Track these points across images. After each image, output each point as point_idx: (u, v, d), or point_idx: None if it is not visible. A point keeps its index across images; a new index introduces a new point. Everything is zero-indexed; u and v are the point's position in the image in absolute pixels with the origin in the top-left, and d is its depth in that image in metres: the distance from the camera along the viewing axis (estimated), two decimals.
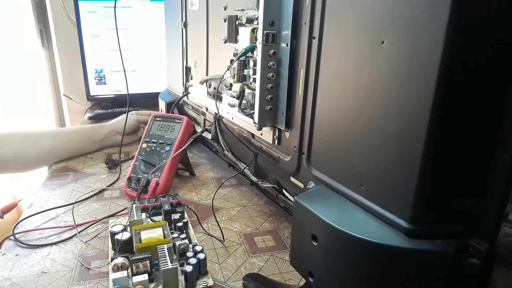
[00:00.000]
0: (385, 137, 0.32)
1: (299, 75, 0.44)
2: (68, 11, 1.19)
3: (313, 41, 0.41)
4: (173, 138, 0.71)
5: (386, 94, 0.32)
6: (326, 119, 0.40)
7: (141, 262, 0.43)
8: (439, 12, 0.26)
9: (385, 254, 0.31)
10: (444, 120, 0.28)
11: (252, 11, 0.51)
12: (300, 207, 0.38)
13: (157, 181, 0.64)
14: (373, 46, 0.32)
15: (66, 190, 0.70)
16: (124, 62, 0.77)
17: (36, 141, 0.78)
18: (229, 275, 0.48)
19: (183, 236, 0.52)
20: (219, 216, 0.62)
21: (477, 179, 0.29)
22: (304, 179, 0.45)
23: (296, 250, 0.40)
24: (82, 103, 1.28)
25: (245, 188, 0.72)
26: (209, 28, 0.69)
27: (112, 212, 0.61)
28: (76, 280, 0.47)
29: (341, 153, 0.38)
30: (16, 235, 0.55)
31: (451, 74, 0.27)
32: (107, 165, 0.79)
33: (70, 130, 0.90)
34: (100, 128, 0.89)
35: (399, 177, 0.31)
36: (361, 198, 0.35)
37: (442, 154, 0.29)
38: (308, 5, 0.41)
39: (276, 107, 0.49)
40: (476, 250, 0.29)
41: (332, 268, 0.35)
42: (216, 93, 0.63)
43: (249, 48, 0.50)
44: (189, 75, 0.83)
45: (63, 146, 0.82)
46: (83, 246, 0.53)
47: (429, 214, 0.30)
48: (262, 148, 0.55)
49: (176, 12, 0.85)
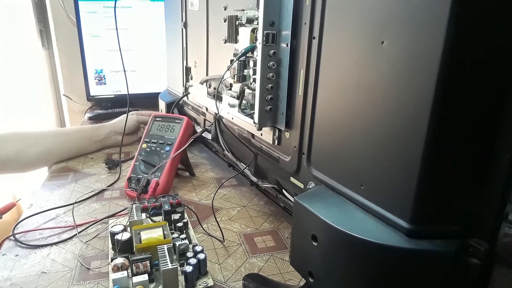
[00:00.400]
0: (385, 137, 0.32)
1: (299, 75, 0.44)
2: (68, 11, 1.19)
3: (313, 41, 0.41)
4: (173, 138, 0.71)
5: (386, 94, 0.32)
6: (326, 119, 0.40)
7: (141, 262, 0.43)
8: (439, 12, 0.26)
9: (385, 254, 0.31)
10: (444, 120, 0.28)
11: (252, 11, 0.51)
12: (300, 207, 0.38)
13: (157, 181, 0.64)
14: (373, 46, 0.32)
15: (66, 190, 0.70)
16: (124, 62, 0.77)
17: (37, 141, 0.78)
18: (229, 275, 0.48)
19: (183, 236, 0.52)
20: (219, 216, 0.62)
21: (477, 179, 0.29)
22: (304, 179, 0.45)
23: (296, 250, 0.40)
24: (82, 103, 1.28)
25: (245, 188, 0.72)
26: (209, 28, 0.69)
27: (112, 212, 0.61)
28: (76, 280, 0.47)
29: (341, 153, 0.38)
30: (16, 235, 0.55)
31: (451, 74, 0.27)
32: (107, 166, 0.79)
33: (70, 130, 0.90)
34: (100, 128, 0.89)
35: (399, 177, 0.31)
36: (361, 198, 0.35)
37: (442, 154, 0.29)
38: (308, 5, 0.41)
39: (276, 107, 0.49)
40: (476, 250, 0.29)
41: (332, 268, 0.35)
42: (216, 93, 0.63)
43: (249, 48, 0.50)
44: (189, 75, 0.83)
45: (63, 146, 0.82)
46: (83, 246, 0.53)
47: (429, 214, 0.30)
48: (262, 148, 0.55)
49: (176, 12, 0.85)
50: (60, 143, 0.82)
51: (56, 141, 0.81)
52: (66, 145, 0.83)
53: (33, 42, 1.26)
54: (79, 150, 0.85)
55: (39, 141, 0.79)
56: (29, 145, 0.77)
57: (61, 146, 0.82)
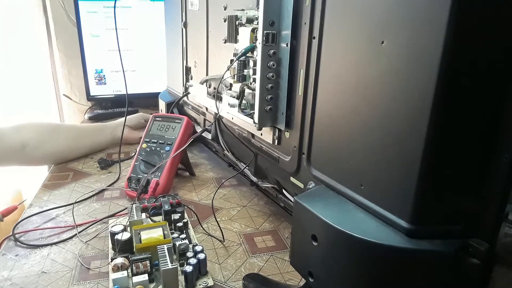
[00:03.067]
0: (385, 137, 0.32)
1: (299, 75, 0.44)
2: (68, 11, 1.19)
3: (313, 41, 0.41)
4: (173, 138, 0.71)
5: (386, 94, 0.32)
6: (326, 119, 0.40)
7: (141, 262, 0.43)
8: (439, 12, 0.26)
9: (385, 254, 0.31)
10: (444, 120, 0.28)
11: (252, 11, 0.51)
12: (300, 207, 0.38)
13: (157, 181, 0.64)
14: (373, 46, 0.32)
15: (66, 190, 0.70)
16: (124, 62, 0.77)
17: (60, 133, 0.80)
18: (229, 275, 0.48)
19: (183, 236, 0.52)
20: (219, 216, 0.62)
21: (477, 179, 0.29)
22: (304, 179, 0.45)
23: (296, 250, 0.40)
24: (82, 103, 1.28)
25: (245, 188, 0.72)
26: (209, 28, 0.69)
27: (112, 212, 0.61)
28: (76, 280, 0.47)
29: (341, 153, 0.38)
30: (16, 235, 0.55)
31: (451, 74, 0.27)
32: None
33: (82, 126, 0.91)
34: (108, 124, 0.92)
35: (399, 177, 0.31)
36: (361, 198, 0.35)
37: (442, 154, 0.29)
38: (308, 5, 0.41)
39: (276, 107, 0.49)
40: (476, 250, 0.29)
41: (332, 268, 0.35)
42: (216, 93, 0.63)
43: (249, 48, 0.50)
44: (189, 75, 0.83)
45: (83, 141, 0.84)
46: (83, 246, 0.53)
47: (429, 214, 0.30)
48: (262, 148, 0.55)
49: (176, 12, 0.85)
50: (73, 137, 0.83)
51: (70, 136, 0.83)
52: (85, 140, 0.85)
53: (36, 41, 1.26)
54: (97, 145, 0.87)
55: (62, 134, 0.81)
56: (54, 134, 0.79)
57: (76, 140, 0.84)
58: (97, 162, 0.80)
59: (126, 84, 0.76)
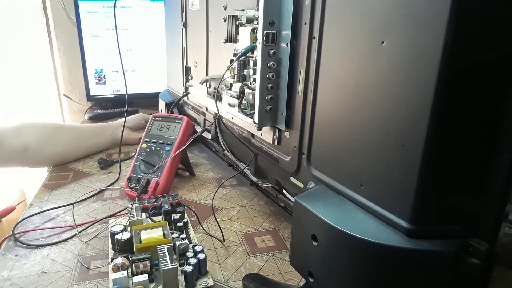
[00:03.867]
0: (385, 137, 0.32)
1: (299, 75, 0.44)
2: (68, 11, 1.19)
3: (313, 41, 0.41)
4: (173, 138, 0.71)
5: (386, 94, 0.32)
6: (326, 119, 0.40)
7: (141, 262, 0.43)
8: (439, 12, 0.26)
9: (385, 254, 0.31)
10: (444, 120, 0.28)
11: (252, 11, 0.51)
12: (300, 207, 0.38)
13: (157, 181, 0.64)
14: (373, 46, 0.32)
15: (66, 190, 0.70)
16: (124, 62, 0.77)
17: (61, 134, 0.80)
18: (229, 275, 0.48)
19: (183, 236, 0.52)
20: (219, 216, 0.62)
21: (477, 179, 0.29)
22: (304, 179, 0.45)
23: (296, 250, 0.40)
24: (82, 103, 1.28)
25: (245, 188, 0.72)
26: (209, 28, 0.69)
27: (112, 212, 0.61)
28: (76, 280, 0.47)
29: (341, 153, 0.38)
30: (16, 235, 0.55)
31: (450, 74, 0.27)
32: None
33: (83, 127, 0.91)
34: (109, 124, 0.92)
35: (399, 177, 0.31)
36: (361, 198, 0.35)
37: (442, 154, 0.29)
38: (308, 5, 0.41)
39: (276, 107, 0.49)
40: (476, 250, 0.29)
41: (332, 268, 0.35)
42: (216, 93, 0.63)
43: (249, 48, 0.50)
44: (189, 75, 0.83)
45: (84, 142, 0.84)
46: (83, 246, 0.53)
47: (429, 214, 0.30)
48: (262, 148, 0.55)
49: (176, 12, 0.85)
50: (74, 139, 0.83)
51: (71, 137, 0.83)
52: (87, 141, 0.85)
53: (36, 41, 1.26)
54: (97, 146, 0.87)
55: (64, 135, 0.80)
56: (53, 136, 0.78)
57: (77, 141, 0.83)
58: (97, 162, 0.80)
59: (126, 84, 0.76)
